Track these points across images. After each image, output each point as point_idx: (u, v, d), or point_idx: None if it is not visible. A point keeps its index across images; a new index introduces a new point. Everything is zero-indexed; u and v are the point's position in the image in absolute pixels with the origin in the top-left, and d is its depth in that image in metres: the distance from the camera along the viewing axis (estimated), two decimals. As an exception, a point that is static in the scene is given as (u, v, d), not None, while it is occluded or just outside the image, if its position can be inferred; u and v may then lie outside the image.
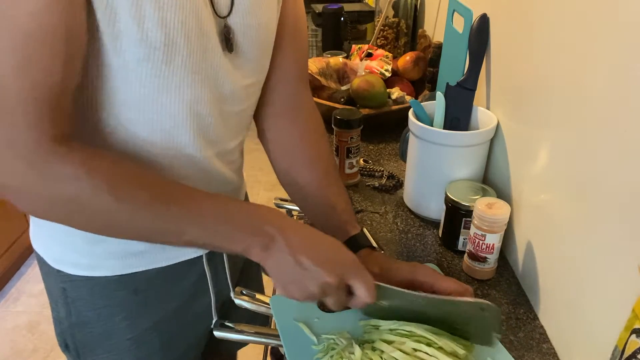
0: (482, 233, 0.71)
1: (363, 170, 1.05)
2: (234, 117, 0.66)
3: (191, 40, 0.53)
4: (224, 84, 0.61)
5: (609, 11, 0.52)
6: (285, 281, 0.54)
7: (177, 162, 0.60)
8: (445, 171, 0.84)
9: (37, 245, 0.68)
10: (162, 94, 0.55)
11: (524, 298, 0.73)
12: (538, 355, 0.63)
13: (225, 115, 0.63)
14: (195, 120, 0.59)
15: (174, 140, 0.58)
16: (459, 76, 0.87)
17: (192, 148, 0.60)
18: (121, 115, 0.54)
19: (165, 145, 0.58)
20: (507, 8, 0.80)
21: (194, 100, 0.57)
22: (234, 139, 0.68)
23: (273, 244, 0.53)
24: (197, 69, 0.56)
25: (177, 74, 0.54)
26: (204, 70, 0.57)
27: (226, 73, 0.60)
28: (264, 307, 0.73)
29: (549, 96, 0.66)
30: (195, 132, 0.60)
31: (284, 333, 0.63)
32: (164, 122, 0.57)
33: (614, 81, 0.51)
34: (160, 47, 0.51)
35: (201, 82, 0.57)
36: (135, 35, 0.49)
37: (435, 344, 0.56)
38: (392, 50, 1.56)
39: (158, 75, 0.53)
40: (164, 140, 0.58)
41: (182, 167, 0.61)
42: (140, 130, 0.56)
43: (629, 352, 0.43)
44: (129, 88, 0.53)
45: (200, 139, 0.61)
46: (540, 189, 0.70)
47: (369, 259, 0.66)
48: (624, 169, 0.50)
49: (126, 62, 0.51)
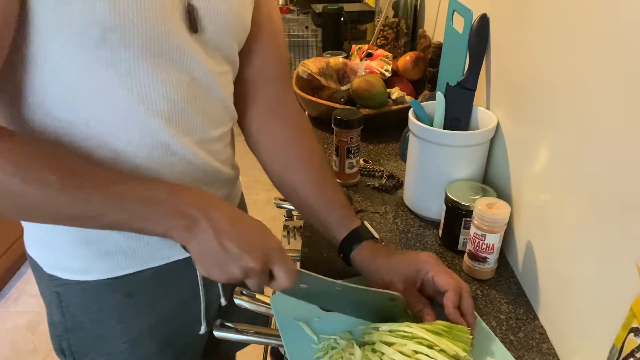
0: (482, 233, 0.71)
1: (363, 170, 1.06)
2: (212, 105, 0.64)
3: (149, 20, 0.51)
4: (193, 67, 0.59)
5: (609, 11, 0.52)
6: (208, 264, 0.53)
7: (152, 152, 0.58)
8: (445, 171, 0.84)
9: (30, 250, 0.67)
10: (125, 78, 0.53)
11: (524, 298, 0.73)
12: (538, 355, 0.63)
13: (201, 101, 0.61)
14: (165, 104, 0.57)
15: (145, 126, 0.57)
16: (459, 76, 0.87)
17: (165, 134, 0.58)
18: (78, 106, 0.53)
19: (137, 131, 0.56)
20: (507, 8, 0.80)
21: (161, 83, 0.56)
22: (216, 129, 0.66)
23: (196, 226, 0.52)
24: (160, 51, 0.54)
25: (138, 57, 0.53)
26: (168, 53, 0.55)
27: (194, 55, 0.58)
28: (264, 307, 0.73)
29: (549, 96, 0.66)
30: (166, 117, 0.58)
31: (284, 333, 0.63)
32: (132, 108, 0.55)
33: (614, 81, 0.51)
34: (116, 29, 0.49)
35: (166, 64, 0.55)
36: (89, 17, 0.48)
37: (437, 346, 0.56)
38: (392, 50, 1.56)
39: (118, 58, 0.51)
40: (134, 127, 0.56)
41: (158, 156, 0.59)
42: (105, 117, 0.54)
43: (627, 351, 0.44)
44: (87, 74, 0.51)
45: (173, 125, 0.59)
46: (540, 189, 0.70)
47: (373, 249, 0.66)
48: (624, 169, 0.50)
49: (82, 47, 0.49)
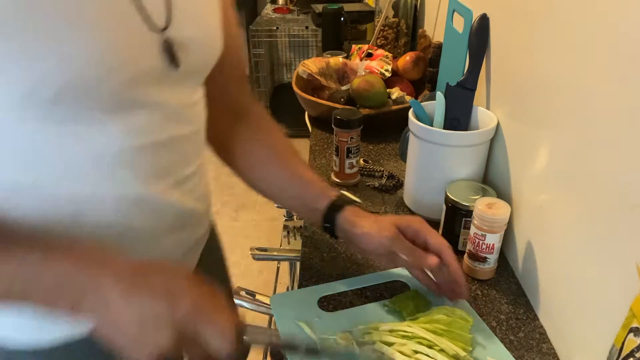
0: (482, 233, 0.71)
1: (363, 170, 1.06)
2: (187, 141, 0.58)
3: (113, 72, 0.45)
4: (167, 106, 0.53)
5: (609, 11, 0.52)
6: (115, 344, 0.46)
7: (120, 205, 0.52)
8: (445, 171, 0.84)
9: None
10: (85, 134, 0.47)
11: (524, 298, 0.73)
12: (538, 355, 0.63)
13: (174, 141, 0.56)
14: (133, 153, 0.51)
15: (111, 179, 0.50)
16: (459, 76, 0.87)
17: (134, 185, 0.52)
18: (26, 164, 0.46)
19: (101, 186, 0.50)
20: (507, 8, 0.80)
21: (127, 132, 0.50)
22: (190, 165, 0.61)
23: (93, 306, 0.45)
24: (127, 98, 0.48)
25: (102, 109, 0.47)
26: (137, 98, 0.50)
27: (169, 92, 0.53)
28: (264, 307, 0.73)
29: (549, 96, 0.66)
30: (135, 166, 0.52)
31: (284, 333, 0.63)
32: (93, 163, 0.48)
33: (614, 81, 0.51)
34: (71, 87, 0.43)
35: (135, 110, 0.50)
36: (34, 80, 0.41)
37: (437, 345, 0.56)
38: (392, 50, 1.57)
39: (74, 114, 0.45)
40: (98, 181, 0.50)
41: (127, 208, 0.52)
42: (60, 174, 0.48)
43: (627, 351, 0.44)
44: (38, 133, 0.45)
45: (143, 173, 0.53)
46: (540, 189, 0.70)
47: (357, 213, 0.67)
48: (624, 169, 0.50)
49: (31, 108, 0.43)
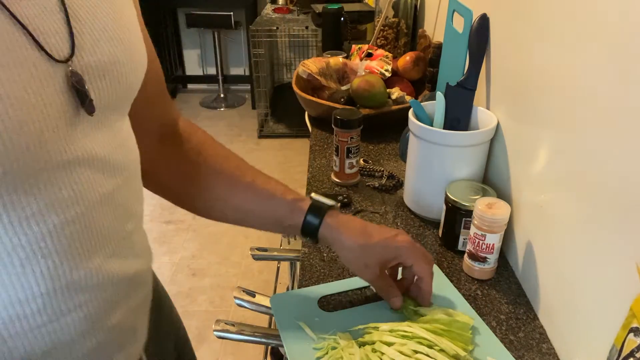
0: (482, 233, 0.71)
1: (363, 170, 1.06)
2: (123, 193, 0.47)
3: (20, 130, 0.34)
4: (91, 160, 0.41)
5: (609, 11, 0.52)
6: None
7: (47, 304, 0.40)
8: (445, 171, 0.84)
9: None
10: None
11: (524, 298, 0.73)
12: (538, 355, 0.63)
13: (106, 202, 0.44)
14: (52, 238, 0.39)
15: (32, 273, 0.39)
16: (459, 76, 0.87)
17: (66, 270, 0.41)
18: None
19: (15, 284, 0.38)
20: (507, 8, 0.80)
21: (56, 205, 0.39)
22: (130, 218, 0.49)
23: None
24: (32, 171, 0.36)
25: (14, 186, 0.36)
26: (47, 166, 0.37)
27: (89, 145, 0.41)
28: (264, 307, 0.73)
29: (549, 96, 0.66)
30: (56, 254, 0.40)
31: (284, 333, 0.63)
32: (12, 256, 0.37)
33: (614, 81, 0.51)
34: None
35: (45, 182, 0.38)
36: None
37: (437, 345, 0.56)
38: (392, 50, 1.57)
39: None
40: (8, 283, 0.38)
41: (55, 305, 0.41)
42: None
43: (627, 351, 0.43)
44: None
45: (68, 259, 0.41)
46: (540, 189, 0.70)
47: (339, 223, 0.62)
48: (624, 169, 0.50)
49: None
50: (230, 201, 0.64)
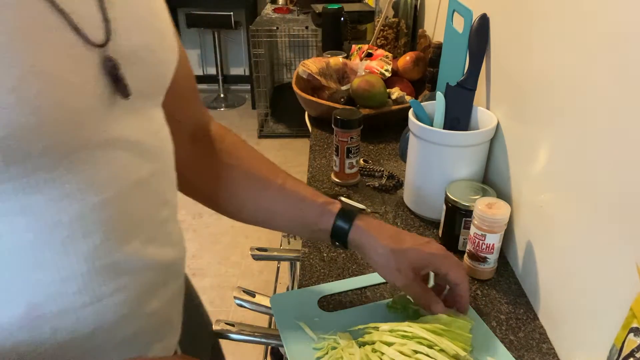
0: (482, 233, 0.71)
1: (363, 170, 1.06)
2: (158, 179, 0.47)
3: (56, 107, 0.35)
4: (128, 141, 0.42)
5: (609, 10, 0.52)
6: None
7: (85, 282, 0.41)
8: (445, 171, 0.84)
9: None
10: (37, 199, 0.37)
11: (524, 298, 0.73)
12: (538, 355, 0.63)
13: (142, 187, 0.45)
14: (101, 211, 0.41)
15: (74, 252, 0.40)
16: (459, 76, 0.87)
17: (105, 252, 0.42)
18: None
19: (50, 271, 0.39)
20: (507, 8, 0.80)
21: (94, 185, 0.40)
22: (165, 205, 0.49)
23: None
24: (69, 150, 0.37)
25: (52, 162, 0.36)
26: (83, 146, 0.38)
27: (124, 127, 0.42)
28: (264, 307, 0.73)
29: (549, 96, 0.66)
30: (105, 228, 0.41)
31: (284, 333, 0.63)
32: (55, 234, 0.38)
33: (614, 81, 0.51)
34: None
35: (83, 162, 0.38)
36: None
37: (437, 345, 0.56)
38: (392, 50, 1.57)
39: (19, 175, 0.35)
40: (48, 263, 0.39)
41: (97, 282, 0.42)
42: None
43: (627, 351, 0.43)
44: None
45: (107, 241, 0.42)
46: (540, 189, 0.70)
47: (369, 227, 0.61)
48: (624, 169, 0.50)
49: None
50: (261, 203, 0.64)
